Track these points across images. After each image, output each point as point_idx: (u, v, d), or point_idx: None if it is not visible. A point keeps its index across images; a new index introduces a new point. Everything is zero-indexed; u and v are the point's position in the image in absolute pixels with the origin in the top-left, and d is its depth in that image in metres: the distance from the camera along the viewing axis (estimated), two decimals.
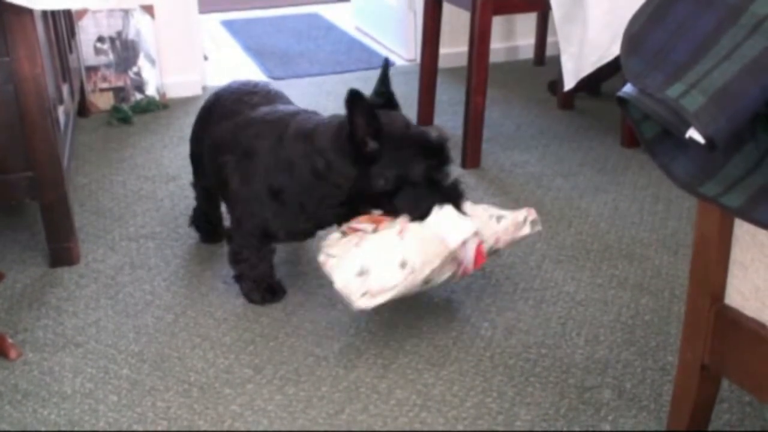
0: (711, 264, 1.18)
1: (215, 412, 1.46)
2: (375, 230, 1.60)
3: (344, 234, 1.62)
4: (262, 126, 1.74)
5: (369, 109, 1.56)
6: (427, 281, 1.58)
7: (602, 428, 1.41)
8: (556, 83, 2.99)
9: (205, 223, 2.04)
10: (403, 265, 1.54)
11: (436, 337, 1.66)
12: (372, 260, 1.54)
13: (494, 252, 1.73)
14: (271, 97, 1.89)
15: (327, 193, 1.66)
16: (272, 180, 1.68)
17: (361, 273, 1.52)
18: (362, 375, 1.55)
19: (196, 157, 1.99)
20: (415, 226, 1.58)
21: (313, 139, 1.65)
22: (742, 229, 1.12)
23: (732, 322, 1.17)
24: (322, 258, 1.59)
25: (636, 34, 1.04)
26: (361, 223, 1.62)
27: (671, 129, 0.98)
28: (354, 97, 1.54)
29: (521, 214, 1.75)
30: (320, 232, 1.79)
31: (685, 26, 1.00)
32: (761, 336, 1.12)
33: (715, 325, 1.20)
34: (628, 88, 1.05)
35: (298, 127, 1.69)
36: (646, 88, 1.00)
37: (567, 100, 2.97)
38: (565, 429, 1.41)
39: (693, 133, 0.94)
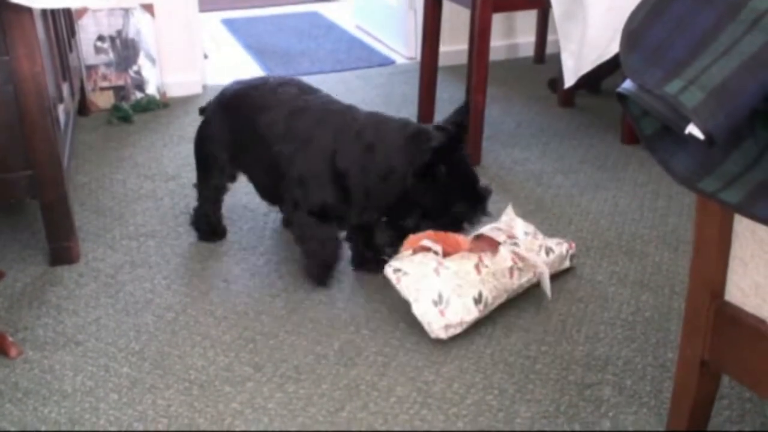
0: (711, 260, 1.17)
1: (215, 410, 1.46)
2: (441, 251, 1.69)
3: (414, 252, 1.69)
4: (324, 114, 1.81)
5: (456, 142, 1.72)
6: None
7: (602, 425, 1.41)
8: (556, 81, 2.98)
9: (205, 224, 2.05)
10: (478, 301, 1.64)
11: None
12: (451, 292, 1.62)
13: (532, 283, 1.78)
14: (308, 88, 1.93)
15: (382, 190, 1.74)
16: (337, 165, 1.75)
17: (438, 303, 1.61)
18: (362, 373, 1.55)
19: (208, 157, 1.99)
20: (490, 261, 1.68)
21: (383, 139, 1.74)
22: (742, 226, 1.12)
23: (732, 319, 1.17)
24: (389, 272, 1.67)
25: (635, 30, 1.04)
26: (427, 240, 1.69)
27: (670, 125, 0.98)
28: (459, 131, 1.73)
29: (564, 247, 1.86)
30: None
31: (684, 22, 1.00)
32: (761, 332, 1.11)
33: (714, 321, 1.19)
34: (627, 85, 1.05)
35: (366, 123, 1.77)
36: (645, 85, 1.00)
37: (567, 98, 2.97)
38: (565, 426, 1.41)
39: (692, 129, 0.94)
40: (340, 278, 1.87)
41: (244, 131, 1.90)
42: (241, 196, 2.26)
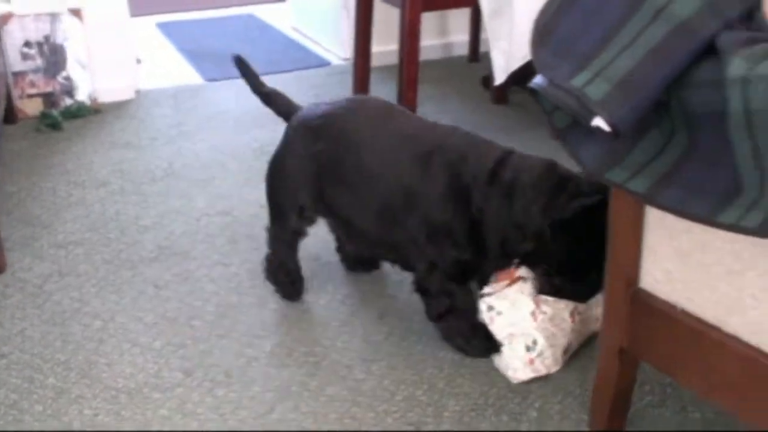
0: (625, 249, 1.20)
1: (143, 417, 1.44)
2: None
3: (510, 283, 1.56)
4: (450, 147, 1.56)
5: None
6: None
7: (529, 415, 1.43)
8: (489, 78, 3.01)
9: (284, 275, 1.78)
10: (567, 351, 1.55)
11: (367, 333, 1.67)
12: (546, 340, 1.50)
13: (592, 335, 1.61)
14: (403, 110, 1.74)
15: (516, 239, 1.49)
16: (472, 211, 1.51)
17: (531, 348, 1.50)
18: (293, 374, 1.55)
19: (286, 194, 1.72)
20: (582, 308, 1.56)
21: (523, 182, 1.48)
22: (653, 215, 1.15)
23: (646, 306, 1.19)
24: (483, 308, 1.56)
25: (544, 25, 1.06)
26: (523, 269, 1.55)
27: (579, 118, 1.00)
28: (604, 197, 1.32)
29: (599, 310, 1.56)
30: None
31: (591, 16, 1.02)
32: (673, 318, 1.14)
33: (631, 309, 1.22)
34: (538, 79, 1.07)
35: (502, 159, 1.53)
36: (554, 79, 1.02)
37: (500, 95, 3.00)
38: (493, 417, 1.42)
39: (598, 121, 0.96)
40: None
41: (341, 167, 1.63)
42: (174, 200, 2.24)
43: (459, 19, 3.57)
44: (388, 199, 1.57)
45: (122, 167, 2.47)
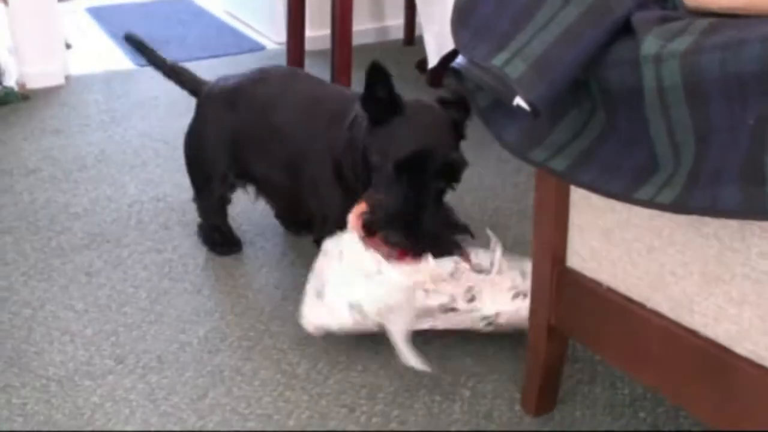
0: (550, 228, 1.22)
1: (74, 405, 1.42)
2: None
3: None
4: (325, 102, 1.69)
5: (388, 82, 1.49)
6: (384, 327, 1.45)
7: (462, 393, 1.44)
8: (424, 62, 3.02)
9: (219, 236, 1.90)
10: (354, 306, 1.42)
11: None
12: (332, 287, 1.44)
13: (492, 324, 1.50)
14: (318, 80, 1.83)
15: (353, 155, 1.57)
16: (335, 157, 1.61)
17: (320, 294, 1.45)
18: (226, 359, 1.54)
19: (207, 164, 1.82)
20: (394, 271, 1.42)
21: (345, 111, 1.60)
22: (578, 194, 1.17)
23: (573, 284, 1.22)
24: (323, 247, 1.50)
25: (464, 5, 1.07)
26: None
27: (500, 97, 1.01)
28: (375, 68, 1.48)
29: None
30: None
31: None
32: (599, 294, 1.17)
33: (558, 287, 1.24)
34: (459, 60, 1.07)
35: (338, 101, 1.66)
36: (475, 58, 1.02)
37: (436, 78, 3.00)
38: (426, 397, 1.43)
39: (519, 101, 0.97)
40: (206, 266, 1.85)
41: (253, 131, 1.73)
42: (105, 187, 2.21)
43: (394, 2, 3.57)
44: (292, 156, 1.67)
45: (52, 154, 2.42)
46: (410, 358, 1.41)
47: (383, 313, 1.42)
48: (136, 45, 1.90)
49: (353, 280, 1.43)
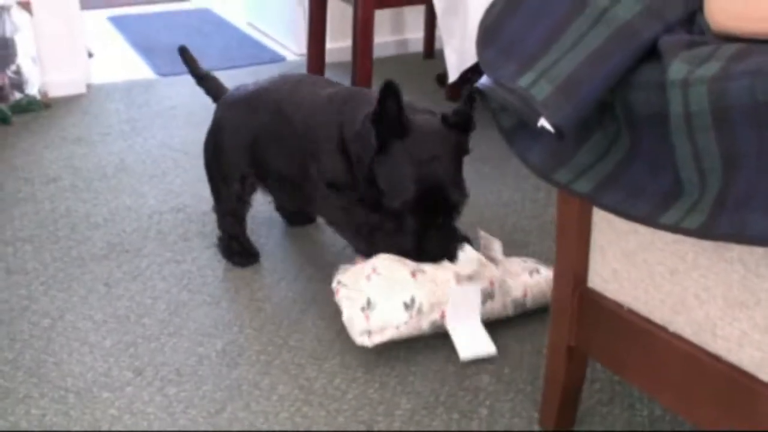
0: (572, 248, 1.21)
1: (92, 416, 1.42)
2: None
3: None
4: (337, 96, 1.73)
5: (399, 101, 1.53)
6: (436, 325, 1.55)
7: (480, 413, 1.44)
8: (444, 76, 3.02)
9: (238, 246, 1.92)
10: (409, 305, 1.51)
11: (320, 331, 1.67)
12: (379, 295, 1.51)
13: (520, 305, 1.66)
14: (330, 82, 1.87)
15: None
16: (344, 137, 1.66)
17: (366, 308, 1.51)
18: (244, 372, 1.54)
19: (226, 168, 1.86)
20: (430, 268, 1.56)
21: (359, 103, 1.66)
22: (600, 215, 1.16)
23: (594, 304, 1.21)
24: (334, 285, 1.59)
25: (490, 24, 1.07)
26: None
27: (524, 118, 1.01)
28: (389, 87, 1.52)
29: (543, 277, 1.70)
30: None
31: (538, 16, 1.03)
32: (620, 316, 1.16)
33: (579, 307, 1.24)
34: (484, 80, 1.07)
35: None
36: (500, 79, 1.02)
37: (455, 92, 3.01)
38: (444, 415, 1.43)
39: (543, 122, 0.97)
40: (225, 278, 1.85)
41: (271, 128, 1.78)
42: (125, 197, 2.22)
43: (414, 16, 3.58)
44: (305, 145, 1.71)
45: (73, 163, 2.44)
46: (470, 348, 1.54)
47: (437, 306, 1.54)
48: (184, 56, 2.04)
49: (400, 283, 1.52)
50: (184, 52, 2.02)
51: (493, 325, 1.67)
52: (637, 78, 0.95)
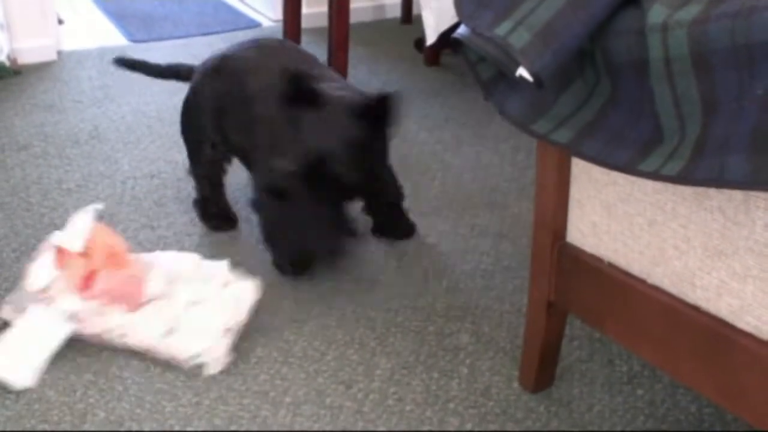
0: (551, 203, 1.20)
1: (67, 381, 1.41)
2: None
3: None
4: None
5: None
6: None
7: (460, 372, 1.43)
8: (422, 40, 2.99)
9: (215, 209, 1.90)
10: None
11: (298, 294, 1.65)
12: None
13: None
14: (307, 57, 1.85)
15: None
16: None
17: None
18: None
19: (197, 131, 1.85)
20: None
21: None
22: (578, 168, 1.15)
23: (573, 259, 1.20)
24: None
25: None
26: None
27: (503, 68, 0.99)
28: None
29: (194, 347, 1.44)
30: None
31: None
32: (599, 270, 1.15)
33: (558, 262, 1.23)
34: (461, 30, 1.05)
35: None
36: (477, 28, 1.00)
37: (433, 57, 2.99)
38: (423, 374, 1.42)
39: (522, 72, 0.96)
40: (201, 243, 1.83)
41: (231, 98, 1.75)
42: (98, 163, 2.18)
43: None
44: (253, 123, 1.69)
45: (45, 130, 2.40)
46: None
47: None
48: (128, 65, 2.06)
49: None
50: (124, 62, 2.08)
51: (472, 284, 1.66)
52: (616, 24, 0.93)
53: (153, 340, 1.45)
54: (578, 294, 1.22)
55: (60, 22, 3.20)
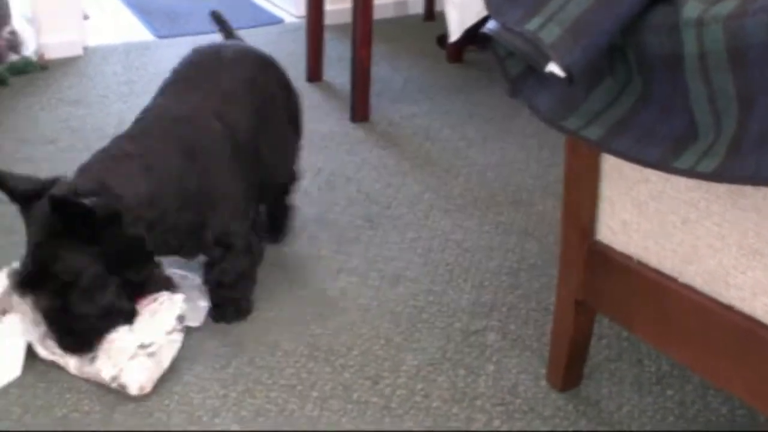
0: (581, 201, 1.20)
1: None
2: None
3: None
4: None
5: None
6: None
7: (486, 369, 1.43)
8: (445, 37, 2.98)
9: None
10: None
11: (323, 288, 1.65)
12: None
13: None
14: (265, 63, 1.77)
15: None
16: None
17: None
18: (248, 329, 1.53)
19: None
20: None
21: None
22: (609, 165, 1.14)
23: (603, 257, 1.19)
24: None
25: None
26: None
27: (533, 63, 0.98)
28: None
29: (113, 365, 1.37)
30: None
31: None
32: (629, 268, 1.14)
33: (587, 260, 1.22)
34: (491, 24, 1.05)
35: None
36: (507, 23, 1.00)
37: (456, 54, 2.98)
38: (450, 371, 1.42)
39: (552, 67, 0.95)
40: None
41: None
42: None
43: None
44: None
45: (71, 124, 2.41)
46: None
47: None
48: (218, 21, 1.95)
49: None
50: (216, 17, 1.96)
51: (497, 282, 1.66)
52: (649, 20, 0.92)
53: (84, 366, 1.39)
54: (607, 292, 1.21)
55: (86, 17, 3.22)
